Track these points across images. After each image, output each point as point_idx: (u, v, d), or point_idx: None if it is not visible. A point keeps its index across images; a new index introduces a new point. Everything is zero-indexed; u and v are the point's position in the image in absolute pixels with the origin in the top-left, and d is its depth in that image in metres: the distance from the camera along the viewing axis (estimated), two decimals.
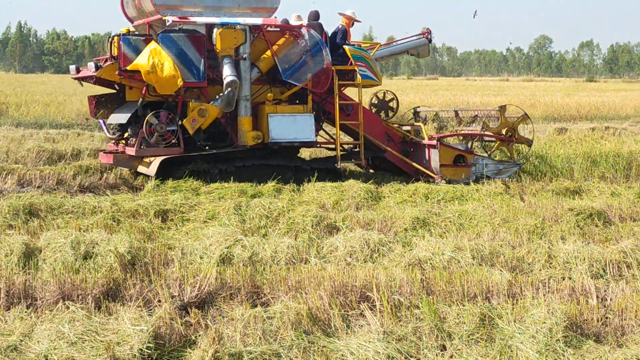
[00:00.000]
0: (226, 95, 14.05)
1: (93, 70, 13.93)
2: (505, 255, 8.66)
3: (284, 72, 14.54)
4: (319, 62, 14.72)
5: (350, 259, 8.69)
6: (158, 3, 14.08)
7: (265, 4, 14.76)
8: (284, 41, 14.72)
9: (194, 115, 14.04)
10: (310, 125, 14.62)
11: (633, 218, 11.39)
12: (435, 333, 6.27)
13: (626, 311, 6.79)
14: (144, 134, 13.76)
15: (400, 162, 15.58)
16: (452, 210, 11.31)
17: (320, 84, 14.78)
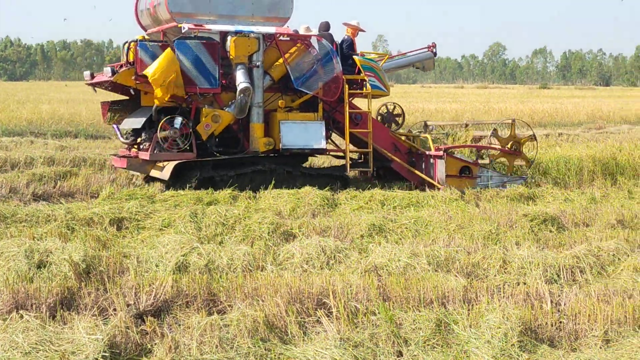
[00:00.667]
0: (239, 101, 14.33)
1: (109, 75, 14.09)
2: (460, 261, 8.73)
3: (296, 80, 14.81)
4: (330, 71, 15.01)
5: (307, 266, 8.69)
6: (174, 11, 14.39)
7: (277, 14, 15.08)
8: (296, 50, 15.01)
9: (208, 120, 14.31)
10: (321, 132, 14.83)
11: (586, 223, 11.53)
12: (391, 339, 6.30)
13: (579, 315, 6.87)
14: (158, 139, 13.96)
15: (406, 172, 15.78)
16: (408, 216, 11.37)
17: (330, 92, 15.06)
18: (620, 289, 7.79)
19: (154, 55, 13.95)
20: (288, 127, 14.69)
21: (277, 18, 15.07)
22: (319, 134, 14.81)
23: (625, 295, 7.55)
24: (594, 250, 9.04)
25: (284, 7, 15.14)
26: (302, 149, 14.83)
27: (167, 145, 14.03)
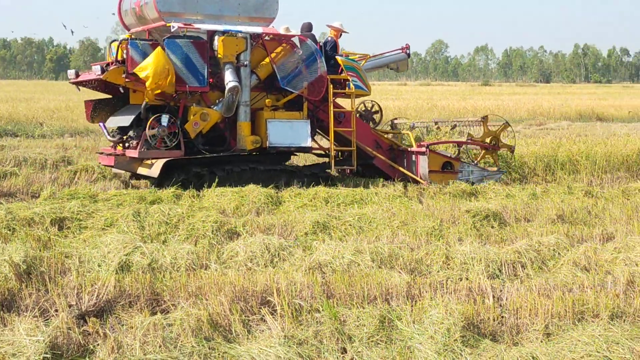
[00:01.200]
0: (227, 100, 14.47)
1: (98, 73, 14.09)
2: (404, 257, 8.78)
3: (282, 79, 15.02)
4: (315, 71, 15.25)
5: (251, 264, 8.68)
6: (163, 10, 14.42)
7: (263, 14, 15.18)
8: (282, 50, 15.22)
9: (196, 119, 14.44)
10: (306, 131, 15.08)
11: (527, 219, 11.68)
12: (335, 336, 6.31)
13: (521, 310, 6.95)
14: (147, 137, 14.02)
15: (387, 168, 16.02)
16: (351, 213, 11.40)
17: (315, 92, 15.29)
18: (560, 283, 7.91)
19: (144, 54, 14.03)
20: (275, 126, 14.92)
21: (262, 18, 15.21)
22: (304, 132, 15.06)
23: (565, 289, 7.66)
24: (535, 245, 9.16)
25: (270, 8, 15.25)
26: (289, 147, 15.07)
27: (156, 143, 14.09)
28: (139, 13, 15.15)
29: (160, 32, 14.93)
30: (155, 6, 14.41)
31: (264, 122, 14.91)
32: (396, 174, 15.84)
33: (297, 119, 15.18)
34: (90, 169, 15.86)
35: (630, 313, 6.89)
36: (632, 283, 7.85)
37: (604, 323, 6.40)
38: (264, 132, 14.86)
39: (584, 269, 8.37)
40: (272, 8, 15.27)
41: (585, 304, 7.03)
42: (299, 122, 15.16)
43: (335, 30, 16.41)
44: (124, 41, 14.23)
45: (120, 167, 14.93)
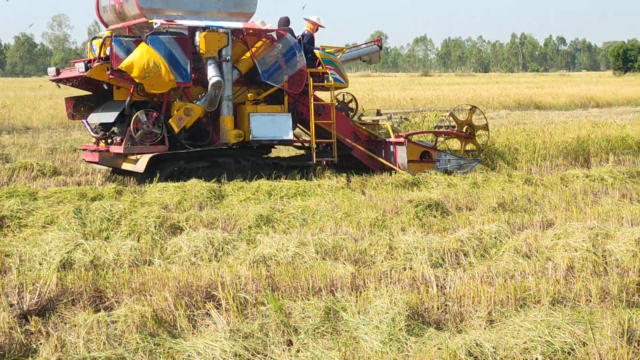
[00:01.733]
0: (210, 95, 14.71)
1: (82, 71, 14.19)
2: (348, 248, 8.81)
3: (263, 73, 15.30)
4: (295, 65, 15.53)
5: (195, 259, 8.63)
6: (144, 7, 14.54)
7: (243, 9, 15.46)
8: (262, 44, 15.47)
9: (180, 114, 14.63)
10: (288, 124, 15.36)
11: (469, 207, 11.80)
12: (281, 328, 6.31)
13: (464, 298, 7.03)
14: (132, 132, 14.17)
15: (366, 159, 16.30)
16: (295, 206, 11.41)
17: (295, 85, 15.59)
18: (502, 270, 8.01)
19: (128, 51, 14.10)
20: (257, 120, 15.18)
21: (242, 14, 15.45)
22: (286, 125, 15.34)
23: (507, 276, 7.76)
24: (477, 233, 9.24)
25: (249, 3, 15.51)
26: (271, 140, 15.35)
27: (140, 139, 14.25)
28: (119, 10, 15.22)
29: (140, 28, 15.02)
30: (136, 3, 14.52)
31: (247, 116, 15.15)
32: (375, 164, 16.11)
33: (278, 113, 15.45)
34: (29, 167, 15.62)
35: (571, 298, 7.01)
36: (572, 268, 7.98)
37: (546, 308, 6.49)
38: (247, 126, 15.12)
39: (525, 256, 8.47)
40: (251, 3, 15.54)
41: (526, 290, 7.13)
42: (280, 115, 15.42)
43: (312, 24, 16.62)
44: (108, 38, 14.29)
45: (105, 163, 15.08)
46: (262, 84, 15.48)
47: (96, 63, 14.21)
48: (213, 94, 14.70)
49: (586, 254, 8.24)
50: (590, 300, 7.00)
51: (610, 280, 7.40)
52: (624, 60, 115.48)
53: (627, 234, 8.77)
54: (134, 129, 14.18)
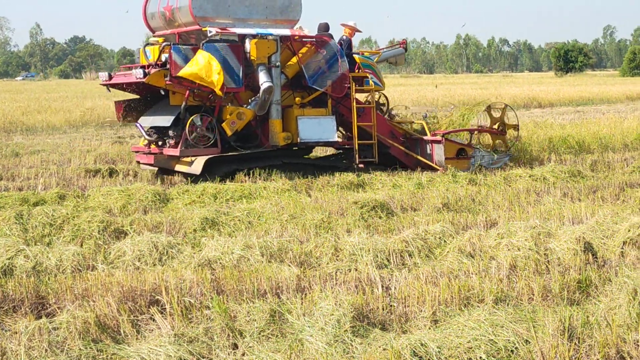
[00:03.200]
0: (261, 99, 15.32)
1: (140, 77, 14.72)
2: (293, 250, 8.80)
3: (309, 78, 15.89)
4: (338, 70, 16.12)
5: (139, 263, 8.56)
6: (198, 15, 15.16)
7: (288, 17, 16.09)
8: (308, 50, 16.06)
9: (233, 118, 15.24)
10: (332, 126, 16.03)
11: (413, 208, 11.87)
12: (226, 332, 6.29)
13: (409, 298, 7.06)
14: (187, 136, 14.77)
15: (403, 156, 16.79)
16: (240, 208, 11.37)
17: (338, 89, 16.20)
18: (446, 270, 8.06)
19: (186, 58, 14.69)
20: (304, 122, 15.80)
21: (287, 20, 16.10)
22: (331, 127, 15.99)
23: (451, 276, 7.81)
24: (422, 234, 9.28)
25: (294, 10, 16.16)
26: (317, 141, 16.03)
27: (195, 142, 14.86)
28: (169, 17, 15.82)
29: (191, 35, 15.83)
30: (190, 11, 15.13)
31: (295, 119, 15.77)
32: (411, 162, 16.61)
33: (323, 115, 16.03)
34: None
35: (513, 297, 7.08)
36: (515, 267, 8.06)
37: (489, 307, 6.55)
38: (295, 129, 15.73)
39: (469, 256, 8.54)
40: (296, 10, 16.19)
41: (470, 289, 7.19)
42: (325, 118, 16.02)
43: (350, 29, 17.20)
44: (167, 46, 14.82)
45: (160, 165, 15.60)
46: (306, 88, 16.08)
47: (154, 69, 14.71)
48: (264, 98, 15.30)
49: (529, 253, 8.34)
50: (533, 299, 7.08)
51: (552, 279, 7.50)
52: (565, 61, 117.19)
53: (568, 233, 8.90)
54: (189, 132, 14.77)
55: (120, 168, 16.45)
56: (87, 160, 18.18)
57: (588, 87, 55.98)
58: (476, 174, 15.17)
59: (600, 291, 7.22)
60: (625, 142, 19.33)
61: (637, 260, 8.32)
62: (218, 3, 15.36)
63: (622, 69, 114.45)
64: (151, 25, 16.58)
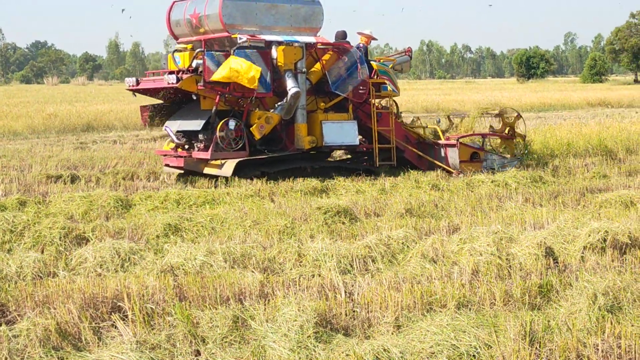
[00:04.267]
0: (289, 104, 15.80)
1: (173, 82, 15.07)
2: (256, 256, 8.79)
3: (333, 84, 16.41)
4: (359, 76, 16.59)
5: (101, 270, 8.50)
6: (228, 22, 15.66)
7: (311, 25, 16.70)
8: (330, 57, 16.63)
9: (262, 122, 15.68)
10: (354, 130, 16.60)
11: (377, 213, 11.90)
12: (189, 339, 6.26)
13: (372, 304, 7.07)
14: (217, 139, 15.21)
15: (416, 160, 17.33)
16: (203, 214, 11.34)
17: (359, 94, 16.71)
18: (409, 275, 8.09)
19: (218, 63, 15.13)
20: (328, 127, 16.31)
21: (310, 28, 16.69)
22: (353, 131, 16.57)
23: (414, 281, 7.84)
24: (385, 239, 9.32)
25: (317, 19, 16.78)
26: (340, 145, 16.67)
27: (225, 145, 15.29)
28: (195, 24, 16.29)
29: (214, 42, 16.25)
30: (220, 19, 15.62)
31: (319, 123, 16.27)
32: (424, 165, 17.15)
33: (345, 120, 16.58)
34: None
35: (476, 302, 7.12)
36: (477, 272, 8.11)
37: (451, 312, 6.58)
38: (319, 133, 16.23)
39: (431, 261, 8.57)
40: (318, 19, 16.81)
41: (433, 294, 7.22)
42: (347, 122, 16.57)
43: (366, 37, 17.66)
44: (200, 52, 15.26)
45: (190, 167, 16.05)
46: (328, 93, 16.57)
47: (186, 75, 15.16)
48: (292, 103, 15.79)
49: (491, 258, 8.39)
50: (495, 304, 7.12)
51: (514, 284, 7.55)
52: (527, 67, 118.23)
53: (529, 238, 8.97)
54: (219, 136, 15.19)
55: (82, 174, 16.29)
56: (49, 166, 18.02)
57: (549, 93, 56.50)
58: (439, 180, 15.24)
59: (561, 296, 7.28)
60: (586, 147, 19.52)
61: (597, 265, 8.41)
62: (246, 11, 15.90)
63: (583, 75, 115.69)
64: (175, 32, 17.00)
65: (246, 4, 15.92)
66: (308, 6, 16.67)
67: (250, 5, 15.97)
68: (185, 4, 16.60)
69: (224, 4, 15.61)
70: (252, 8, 15.97)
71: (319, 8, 16.81)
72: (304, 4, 16.63)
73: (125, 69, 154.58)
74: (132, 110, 35.05)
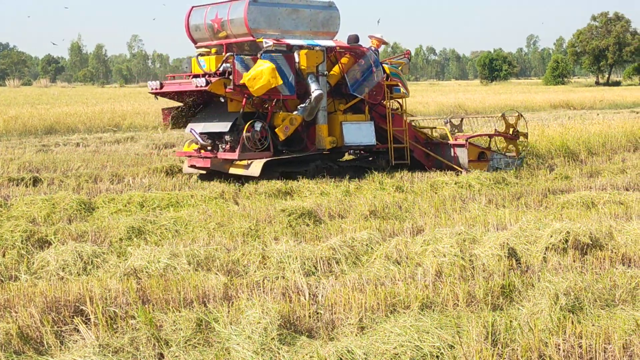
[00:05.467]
0: (312, 106, 16.34)
1: (202, 85, 15.45)
2: (220, 259, 8.77)
3: (351, 86, 17.06)
4: (375, 78, 17.25)
5: (63, 273, 8.43)
6: (252, 27, 16.18)
7: (328, 29, 17.35)
8: (348, 60, 17.26)
9: (286, 123, 16.22)
10: (371, 131, 17.19)
11: (341, 215, 11.92)
12: (152, 342, 6.23)
13: (336, 305, 7.09)
14: (244, 140, 15.67)
15: (424, 159, 17.95)
16: (167, 217, 11.30)
17: (375, 96, 17.39)
18: (373, 277, 8.11)
19: (247, 67, 15.63)
20: (348, 127, 16.96)
21: (328, 33, 17.34)
22: (370, 132, 17.16)
23: (378, 283, 7.87)
24: (349, 241, 9.33)
25: (334, 24, 17.46)
26: (359, 145, 17.23)
27: (251, 146, 15.78)
28: (217, 29, 16.78)
29: (232, 46, 16.67)
30: (246, 23, 16.16)
31: (339, 124, 16.91)
32: (431, 164, 17.72)
33: (363, 121, 17.23)
34: None
35: (439, 302, 7.16)
36: (440, 274, 8.15)
37: (415, 313, 6.60)
38: (339, 133, 16.87)
39: (395, 262, 8.60)
40: (335, 23, 17.50)
41: (396, 296, 7.25)
42: (365, 123, 17.22)
43: (377, 41, 18.15)
44: (230, 56, 15.68)
45: (216, 168, 16.40)
46: (345, 95, 17.26)
47: (214, 78, 15.58)
48: (314, 105, 16.33)
49: (454, 259, 8.44)
50: (458, 304, 7.16)
51: (477, 284, 7.60)
52: (490, 70, 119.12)
53: (492, 239, 9.03)
54: (246, 137, 15.66)
55: (44, 177, 16.16)
56: (10, 169, 17.84)
57: (513, 95, 56.97)
58: (403, 182, 15.30)
59: (523, 296, 7.34)
60: (549, 149, 19.69)
61: (559, 266, 8.49)
62: (270, 16, 16.45)
63: (545, 77, 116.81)
64: (194, 36, 17.37)
65: (270, 9, 16.48)
66: (326, 11, 17.33)
67: (274, 10, 16.53)
68: (205, 9, 17.11)
69: (250, 9, 16.15)
70: (275, 13, 16.54)
71: (336, 13, 17.49)
72: (322, 9, 17.29)
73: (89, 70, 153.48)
74: (96, 112, 34.86)
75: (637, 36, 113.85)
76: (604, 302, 7.03)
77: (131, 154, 21.60)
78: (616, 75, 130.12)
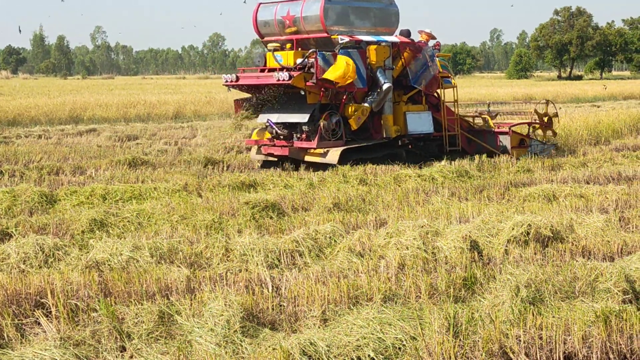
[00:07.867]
0: (381, 97, 17.37)
1: (286, 79, 16.41)
2: (183, 251, 8.75)
3: (412, 79, 18.07)
4: (432, 71, 18.29)
5: (24, 266, 8.36)
6: (328, 24, 17.18)
7: (388, 26, 18.51)
8: (409, 54, 18.19)
9: (359, 114, 17.24)
10: (430, 120, 18.42)
11: (305, 208, 11.93)
12: (114, 334, 6.21)
13: (299, 298, 7.10)
14: (322, 130, 16.65)
15: (466, 145, 19.00)
16: (130, 209, 11.23)
17: (431, 87, 18.44)
18: (336, 269, 8.13)
19: (328, 62, 16.72)
20: (411, 117, 18.11)
21: (388, 29, 18.48)
22: (428, 121, 18.39)
23: (341, 275, 7.89)
24: (312, 233, 9.34)
25: (393, 20, 18.65)
26: (420, 133, 18.31)
27: (326, 135, 16.76)
28: (288, 24, 17.81)
29: (313, 42, 17.57)
30: (322, 20, 17.19)
31: (403, 114, 18.02)
32: (472, 149, 18.73)
33: (422, 111, 18.41)
34: None
35: (401, 295, 7.20)
36: (403, 266, 8.19)
37: (377, 306, 6.63)
38: (403, 122, 17.97)
39: (358, 255, 8.63)
40: (395, 20, 18.70)
41: (359, 288, 7.27)
42: (424, 113, 18.42)
43: (427, 35, 19.05)
44: (312, 52, 16.77)
45: (293, 155, 17.22)
46: (404, 87, 18.22)
47: (296, 72, 16.52)
48: (383, 96, 17.35)
49: (417, 252, 8.49)
50: (420, 297, 7.20)
51: (439, 277, 7.65)
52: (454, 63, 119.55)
53: (455, 231, 9.09)
54: (323, 127, 16.66)
55: (5, 169, 16.00)
56: None
57: (476, 89, 57.21)
58: (366, 175, 15.34)
59: (484, 288, 7.40)
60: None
61: (520, 258, 8.57)
62: (341, 13, 17.59)
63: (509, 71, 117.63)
64: (261, 32, 18.51)
65: (342, 7, 17.61)
66: (388, 8, 18.55)
67: (345, 7, 17.66)
68: (275, 6, 18.21)
69: (325, 7, 17.17)
70: (346, 10, 17.68)
71: (396, 10, 18.72)
72: (385, 6, 18.48)
73: (51, 62, 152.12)
74: (58, 104, 34.56)
75: (599, 31, 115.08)
76: (564, 294, 7.10)
77: (93, 146, 21.45)
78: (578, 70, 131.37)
